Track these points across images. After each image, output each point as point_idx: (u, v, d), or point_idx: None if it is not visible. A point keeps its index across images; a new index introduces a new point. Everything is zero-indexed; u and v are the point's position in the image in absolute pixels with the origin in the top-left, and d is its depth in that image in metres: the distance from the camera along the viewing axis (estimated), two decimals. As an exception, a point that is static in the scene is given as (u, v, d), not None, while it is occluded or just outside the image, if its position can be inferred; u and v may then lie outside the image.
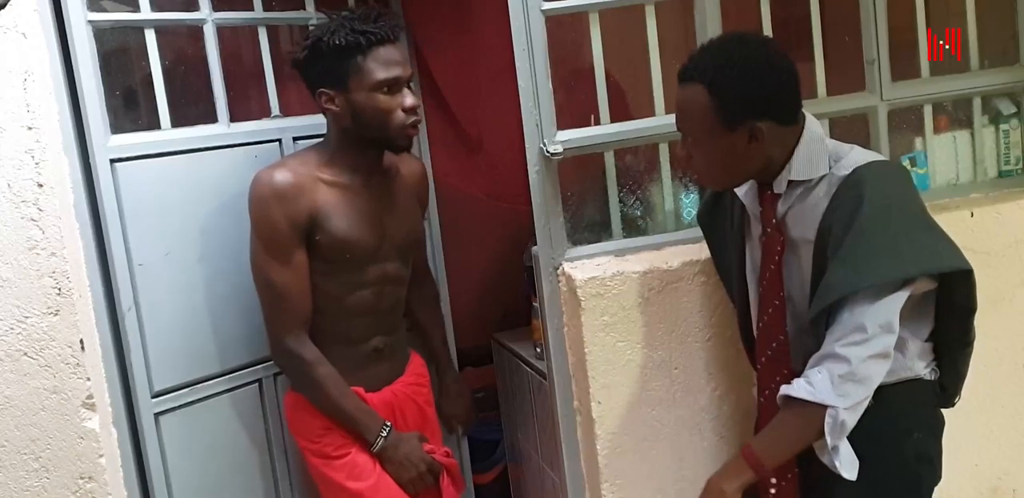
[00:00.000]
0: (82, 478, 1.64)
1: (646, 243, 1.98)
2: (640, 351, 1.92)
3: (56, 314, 1.61)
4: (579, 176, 2.03)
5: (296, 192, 1.70)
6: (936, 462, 1.56)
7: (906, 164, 2.17)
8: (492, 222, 2.67)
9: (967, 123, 2.20)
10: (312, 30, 1.75)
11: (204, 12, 1.85)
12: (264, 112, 2.00)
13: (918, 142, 2.18)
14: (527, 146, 1.89)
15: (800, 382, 1.42)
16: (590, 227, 2.01)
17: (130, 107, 1.86)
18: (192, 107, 1.91)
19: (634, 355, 1.92)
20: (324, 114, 1.77)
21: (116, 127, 1.73)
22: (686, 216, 2.08)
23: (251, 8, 1.95)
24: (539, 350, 2.23)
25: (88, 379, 1.64)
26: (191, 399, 1.83)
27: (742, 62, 1.42)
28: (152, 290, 1.76)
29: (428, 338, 2.13)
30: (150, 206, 1.76)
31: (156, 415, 1.77)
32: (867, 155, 1.50)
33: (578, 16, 1.91)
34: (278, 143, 1.96)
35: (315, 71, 1.72)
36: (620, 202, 2.01)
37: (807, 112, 1.51)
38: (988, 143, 2.21)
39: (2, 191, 1.56)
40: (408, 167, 1.94)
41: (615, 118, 1.94)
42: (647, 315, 1.90)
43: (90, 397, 1.64)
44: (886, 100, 2.09)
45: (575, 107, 2.04)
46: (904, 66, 2.11)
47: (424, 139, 2.38)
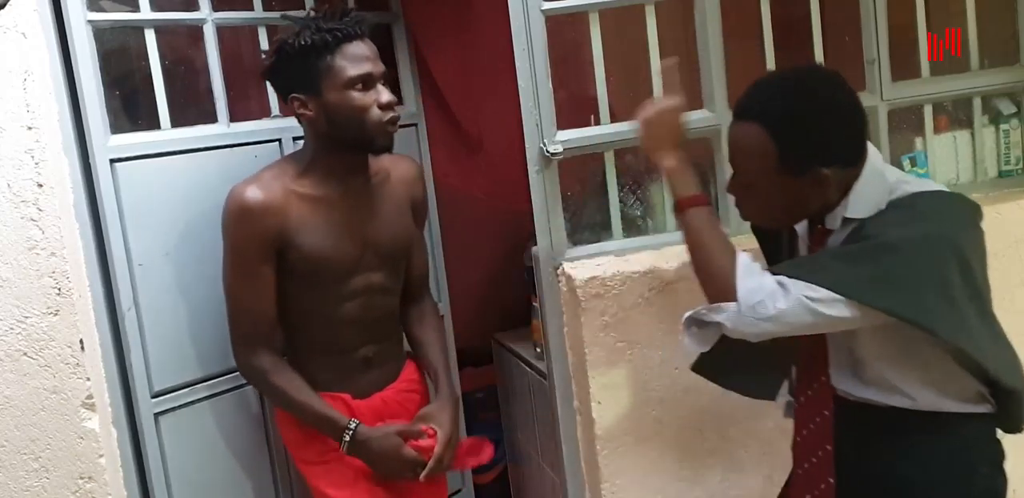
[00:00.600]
0: (82, 478, 1.64)
1: (646, 243, 1.98)
2: (640, 351, 1.92)
3: (56, 314, 1.61)
4: (579, 176, 2.03)
5: (265, 211, 1.64)
6: (1002, 496, 1.46)
7: (906, 164, 2.17)
8: (492, 222, 2.67)
9: (967, 123, 2.20)
10: (278, 36, 1.70)
11: (204, 12, 1.85)
12: (264, 112, 2.00)
13: (918, 142, 2.18)
14: (527, 146, 1.89)
15: (756, 269, 1.35)
16: (590, 227, 2.02)
17: (130, 107, 1.86)
18: (192, 107, 1.91)
19: (634, 355, 1.92)
20: (299, 121, 1.71)
21: (116, 127, 1.73)
22: (686, 216, 2.08)
23: (251, 8, 1.95)
24: (539, 350, 2.23)
25: (88, 379, 1.64)
26: (191, 399, 1.83)
27: (810, 105, 1.32)
28: (152, 290, 1.76)
29: (425, 360, 1.92)
30: (150, 206, 1.76)
31: (156, 415, 1.77)
32: (929, 184, 1.40)
33: (578, 16, 1.91)
34: (278, 143, 1.96)
35: (285, 77, 1.67)
36: (620, 202, 2.01)
37: (869, 144, 1.40)
38: (988, 143, 2.21)
39: (2, 191, 1.56)
40: (400, 170, 1.85)
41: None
42: (647, 315, 1.89)
43: (90, 397, 1.64)
44: (886, 100, 2.09)
45: (575, 107, 2.04)
46: (904, 66, 2.11)
47: (424, 139, 2.38)
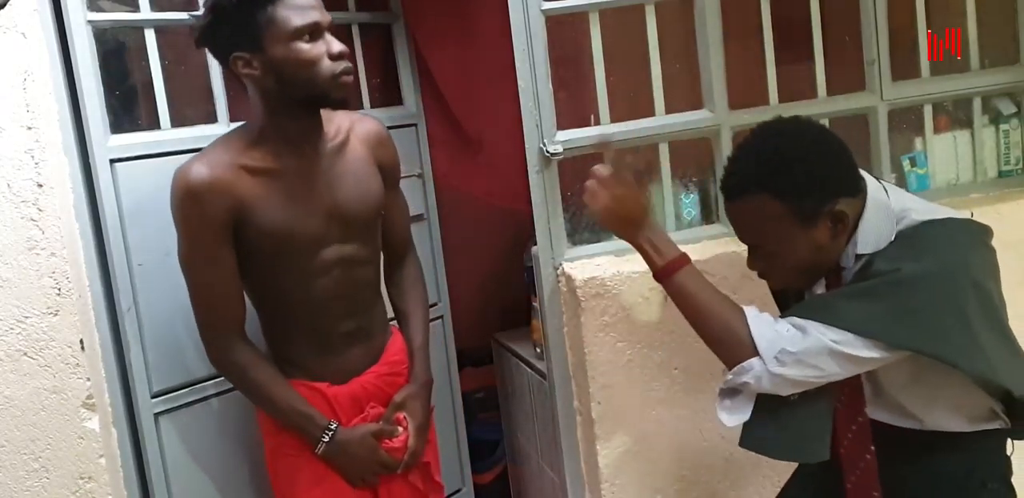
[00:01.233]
0: (82, 478, 1.64)
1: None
2: (640, 351, 1.92)
3: (56, 314, 1.60)
4: (579, 176, 2.03)
5: (212, 189, 1.53)
6: None
7: (906, 164, 2.17)
8: (492, 222, 2.67)
9: (967, 123, 2.21)
10: None
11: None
12: (264, 112, 1.99)
13: (918, 142, 2.19)
14: (527, 146, 1.89)
15: (768, 319, 1.36)
16: (590, 227, 2.01)
17: (130, 107, 1.86)
18: (192, 107, 1.91)
19: (634, 355, 1.92)
20: (244, 82, 1.58)
21: (116, 127, 1.73)
22: (686, 216, 2.08)
23: (251, 8, 1.95)
24: (539, 350, 2.23)
25: (88, 379, 1.63)
26: (191, 399, 1.82)
27: (792, 153, 1.32)
28: (152, 290, 1.76)
29: (406, 336, 1.84)
30: (150, 206, 1.75)
31: (156, 415, 1.77)
32: (936, 211, 1.40)
33: (578, 16, 1.91)
34: (278, 143, 1.95)
35: (223, 36, 1.53)
36: (620, 202, 2.01)
37: (865, 173, 1.40)
38: (988, 143, 2.22)
39: (2, 191, 1.55)
40: (362, 130, 1.71)
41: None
42: (647, 315, 1.89)
43: (90, 397, 1.64)
44: (886, 100, 2.09)
45: (575, 107, 2.04)
46: (904, 66, 2.11)
47: (424, 139, 2.38)
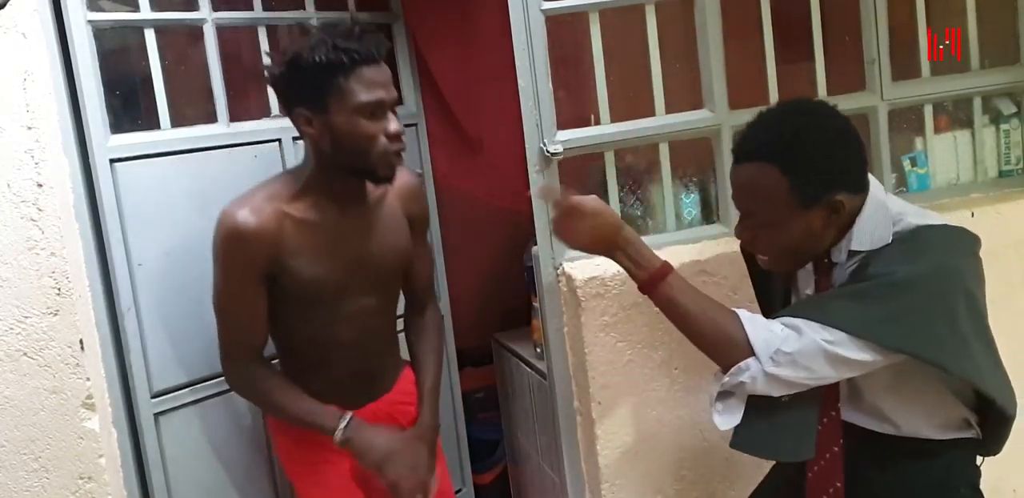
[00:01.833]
0: (82, 478, 1.64)
1: (646, 243, 1.97)
2: (640, 351, 1.92)
3: (56, 314, 1.60)
4: (579, 176, 2.03)
5: (258, 236, 1.57)
6: None
7: (906, 164, 2.17)
8: (492, 222, 2.67)
9: (967, 123, 2.21)
10: (290, 45, 1.62)
11: (204, 12, 1.85)
12: (264, 112, 2.00)
13: (918, 142, 2.19)
14: (527, 146, 1.89)
15: (761, 320, 1.37)
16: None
17: (130, 107, 1.86)
18: (192, 107, 1.91)
19: (634, 355, 1.92)
20: (302, 136, 1.63)
21: (116, 127, 1.73)
22: (686, 216, 2.08)
23: (251, 8, 1.95)
24: (539, 350, 2.23)
25: (88, 379, 1.63)
26: (191, 399, 1.83)
27: (813, 132, 1.33)
28: (152, 290, 1.76)
29: (418, 380, 1.86)
30: (150, 206, 1.76)
31: (156, 415, 1.77)
32: (930, 217, 1.41)
33: (578, 16, 1.91)
34: (278, 143, 1.96)
35: (292, 89, 1.58)
36: (620, 202, 2.01)
37: (870, 175, 1.42)
38: (988, 143, 2.22)
39: (2, 191, 1.56)
40: (398, 183, 1.73)
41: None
42: (647, 315, 1.89)
43: (90, 397, 1.64)
44: (886, 100, 2.09)
45: (575, 107, 2.04)
46: (904, 66, 2.11)
47: (424, 139, 2.38)
